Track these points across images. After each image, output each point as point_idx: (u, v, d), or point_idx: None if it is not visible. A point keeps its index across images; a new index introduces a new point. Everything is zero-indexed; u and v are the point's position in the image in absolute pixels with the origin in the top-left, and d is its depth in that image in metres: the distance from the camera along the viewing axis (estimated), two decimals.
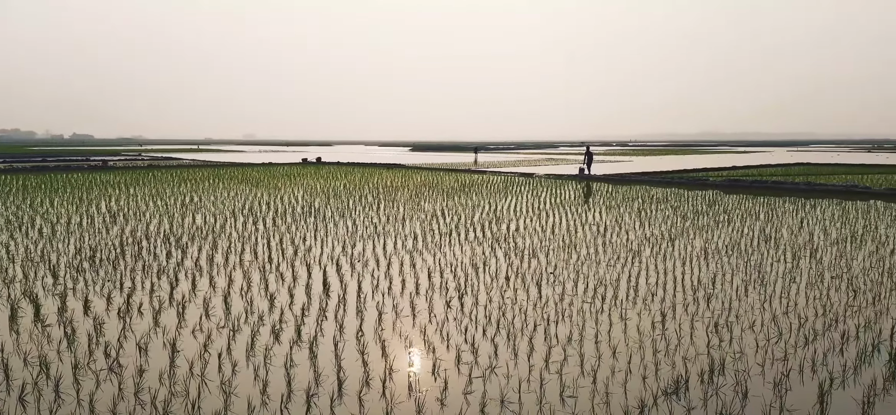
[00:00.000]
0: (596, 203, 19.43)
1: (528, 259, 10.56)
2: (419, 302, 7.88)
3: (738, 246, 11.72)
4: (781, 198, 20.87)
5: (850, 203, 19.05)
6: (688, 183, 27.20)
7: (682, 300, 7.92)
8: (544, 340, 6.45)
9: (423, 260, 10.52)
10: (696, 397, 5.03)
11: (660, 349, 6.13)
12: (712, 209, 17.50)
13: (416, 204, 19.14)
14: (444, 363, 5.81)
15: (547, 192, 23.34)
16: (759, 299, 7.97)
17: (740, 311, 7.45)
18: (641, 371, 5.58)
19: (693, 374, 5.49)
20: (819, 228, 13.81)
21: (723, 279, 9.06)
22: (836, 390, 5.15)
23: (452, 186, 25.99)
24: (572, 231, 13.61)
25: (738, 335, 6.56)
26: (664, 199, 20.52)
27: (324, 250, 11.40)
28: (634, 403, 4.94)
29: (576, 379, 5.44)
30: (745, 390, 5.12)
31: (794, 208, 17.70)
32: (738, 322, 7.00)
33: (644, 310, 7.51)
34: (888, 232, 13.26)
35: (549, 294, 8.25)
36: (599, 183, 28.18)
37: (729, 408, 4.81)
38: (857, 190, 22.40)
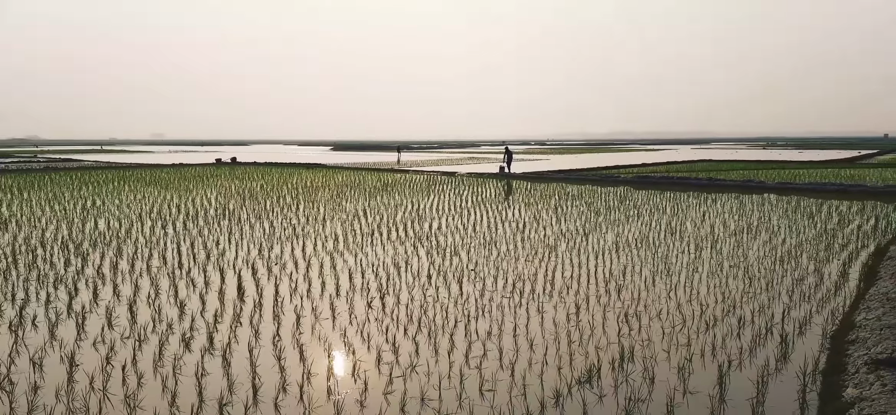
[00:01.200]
0: (516, 201, 19.87)
1: (449, 257, 10.64)
2: (339, 304, 7.76)
3: (647, 239, 12.33)
4: (686, 193, 22.15)
5: (746, 197, 20.49)
6: (601, 180, 28.34)
7: (594, 292, 8.24)
8: (465, 336, 6.52)
9: (343, 261, 10.38)
10: (607, 385, 5.24)
11: (574, 340, 6.35)
12: (623, 205, 18.33)
13: (338, 204, 18.86)
14: (365, 364, 5.75)
15: (468, 190, 23.63)
16: (666, 289, 8.42)
17: (648, 300, 7.84)
18: (557, 362, 5.75)
19: (605, 362, 5.73)
20: (719, 221, 14.77)
21: (632, 271, 9.50)
22: (733, 372, 5.52)
23: (375, 186, 25.80)
24: (493, 228, 13.85)
25: (646, 324, 6.90)
26: (579, 195, 21.28)
27: (238, 254, 11.00)
28: (550, 393, 5.08)
29: (495, 373, 5.54)
30: (652, 375, 5.40)
31: (698, 203, 18.84)
32: (647, 311, 7.37)
33: (560, 303, 7.75)
34: (780, 223, 14.36)
35: (470, 291, 8.36)
36: (519, 181, 28.84)
37: (637, 394, 5.05)
38: (753, 185, 24.15)
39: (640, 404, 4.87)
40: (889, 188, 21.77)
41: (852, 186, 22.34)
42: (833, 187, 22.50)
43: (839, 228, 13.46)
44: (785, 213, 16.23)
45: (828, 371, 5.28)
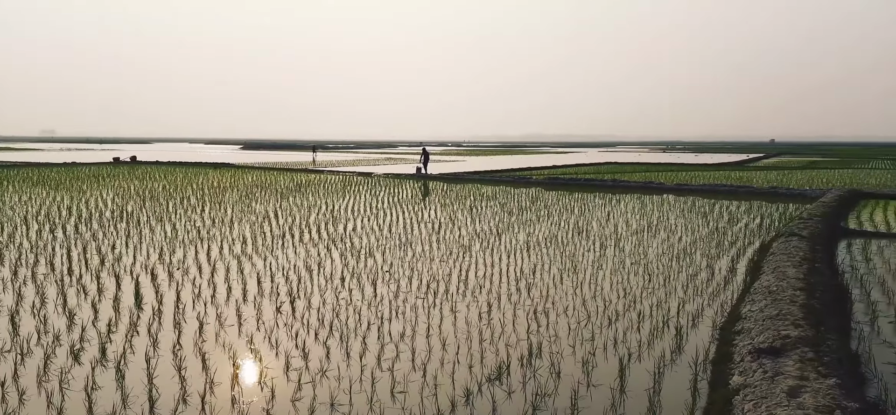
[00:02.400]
0: (432, 201, 19.98)
1: (364, 259, 10.53)
2: (246, 309, 7.48)
3: (556, 238, 12.76)
4: (593, 193, 23.14)
5: (647, 197, 21.68)
6: (514, 181, 29.06)
7: (506, 291, 8.42)
8: (378, 338, 6.47)
9: (252, 265, 10.01)
10: (516, 381, 5.37)
11: (485, 338, 6.46)
12: (535, 205, 18.87)
13: (247, 205, 18.19)
14: (272, 371, 5.57)
15: (385, 191, 23.51)
16: (572, 286, 8.74)
17: (556, 298, 8.11)
18: (468, 361, 5.82)
19: (514, 359, 5.86)
20: (622, 220, 15.53)
21: (542, 269, 9.79)
22: (633, 364, 5.81)
23: (287, 186, 25.11)
24: (408, 229, 13.84)
25: (553, 320, 7.13)
26: (493, 196, 21.70)
27: (137, 259, 10.36)
28: (461, 392, 5.14)
29: (407, 375, 5.53)
30: (558, 370, 5.58)
31: (603, 203, 19.72)
32: (555, 308, 7.62)
33: (472, 302, 7.86)
34: (677, 222, 15.29)
35: (385, 292, 8.30)
36: (436, 182, 29.03)
37: (544, 388, 5.21)
38: (653, 186, 25.58)
39: (547, 399, 5.02)
40: (773, 189, 23.72)
41: (741, 188, 24.16)
42: (724, 188, 24.24)
43: (729, 227, 14.51)
44: (682, 212, 17.30)
45: (717, 360, 5.66)
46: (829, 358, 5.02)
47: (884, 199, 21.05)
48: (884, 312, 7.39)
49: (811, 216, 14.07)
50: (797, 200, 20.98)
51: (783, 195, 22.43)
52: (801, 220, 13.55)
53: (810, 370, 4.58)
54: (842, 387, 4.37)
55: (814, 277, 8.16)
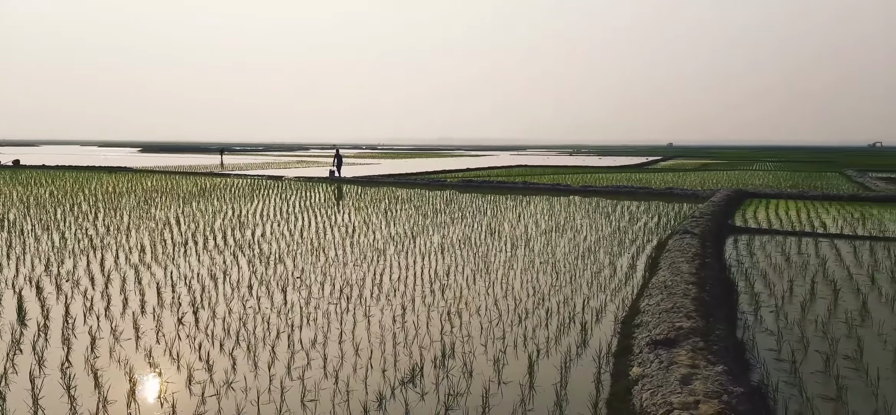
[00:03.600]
0: (346, 205, 19.71)
1: (273, 265, 10.22)
2: (145, 322, 7.05)
3: (470, 240, 12.96)
4: (505, 195, 23.70)
5: (555, 199, 22.48)
6: (429, 184, 29.24)
7: (420, 293, 8.45)
8: (288, 347, 6.30)
9: (151, 274, 9.46)
10: (429, 383, 5.40)
11: (399, 341, 6.45)
12: (449, 207, 19.08)
13: (145, 212, 17.16)
14: (173, 386, 5.29)
15: (296, 195, 22.93)
16: (485, 286, 8.91)
17: (469, 298, 8.23)
18: (382, 365, 5.79)
19: (427, 361, 5.89)
20: (532, 221, 16.01)
21: (456, 271, 9.91)
22: (542, 360, 6.00)
23: (190, 191, 23.93)
24: (321, 234, 13.58)
25: (466, 320, 7.23)
26: (408, 199, 21.72)
27: (19, 271, 9.51)
28: (374, 397, 5.10)
29: (318, 382, 5.42)
30: (471, 369, 5.67)
31: (514, 204, 20.25)
32: (467, 308, 7.73)
33: (387, 305, 7.83)
34: (582, 222, 15.95)
35: (295, 299, 8.10)
36: (349, 185, 28.66)
37: (457, 388, 5.27)
38: (561, 188, 26.56)
39: (459, 398, 5.08)
40: (669, 190, 25.28)
41: (640, 189, 25.57)
42: (626, 190, 25.57)
43: (630, 226, 15.32)
44: (587, 213, 18.08)
45: (618, 353, 5.96)
46: (717, 347, 5.42)
47: (765, 198, 22.98)
48: (766, 302, 8.06)
49: (702, 215, 15.13)
50: (690, 199, 22.47)
51: (678, 195, 23.95)
52: (693, 218, 14.53)
53: (701, 359, 4.92)
54: (728, 373, 4.72)
55: (704, 271, 8.77)
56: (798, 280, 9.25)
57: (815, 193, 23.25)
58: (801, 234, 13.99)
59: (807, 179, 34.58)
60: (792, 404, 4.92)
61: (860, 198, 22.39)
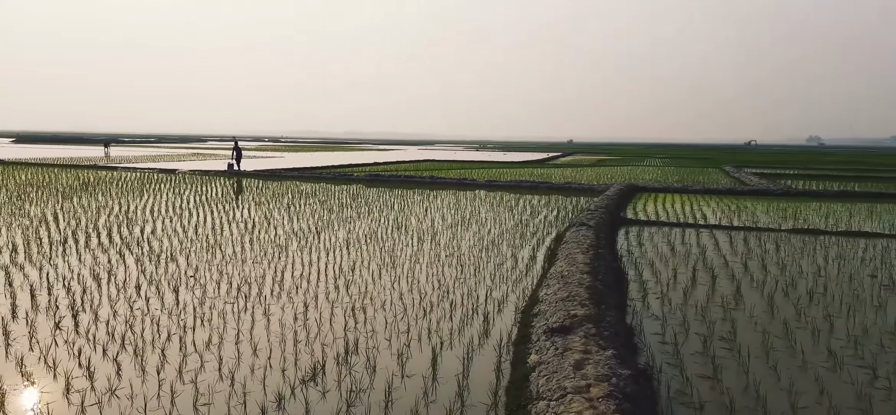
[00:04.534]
0: (245, 200, 18.96)
1: (165, 264, 9.64)
2: (16, 327, 6.43)
3: (376, 234, 12.88)
4: (412, 190, 23.76)
5: (461, 193, 22.82)
6: (335, 178, 28.74)
7: (324, 289, 8.29)
8: (180, 349, 5.97)
9: (24, 275, 8.64)
10: (331, 380, 5.31)
11: (300, 339, 6.30)
12: (356, 202, 18.85)
13: (18, 208, 15.65)
14: (49, 395, 4.86)
15: (191, 189, 21.77)
16: (390, 280, 8.89)
17: (374, 293, 8.18)
18: (281, 364, 5.63)
19: (330, 358, 5.79)
20: (439, 216, 16.16)
21: (361, 266, 9.82)
22: (445, 352, 6.07)
23: (71, 185, 22.08)
24: (218, 230, 12.98)
25: (371, 316, 7.18)
26: (313, 193, 21.24)
27: None
28: (272, 397, 4.95)
29: (213, 385, 5.18)
30: (374, 365, 5.64)
31: (422, 199, 20.34)
32: (372, 304, 7.68)
33: (288, 303, 7.61)
34: (487, 216, 16.30)
35: (188, 299, 7.69)
36: (250, 179, 27.59)
37: (359, 384, 5.22)
38: (467, 183, 27.01)
39: (362, 394, 5.04)
40: (568, 184, 26.38)
41: (542, 183, 26.51)
42: (528, 184, 26.41)
43: (531, 219, 15.84)
44: (491, 206, 18.50)
45: (518, 342, 6.15)
46: (608, 333, 5.72)
47: (654, 192, 24.55)
48: (653, 290, 8.61)
49: (597, 208, 15.92)
50: (587, 193, 23.58)
51: (576, 189, 25.06)
52: (589, 211, 15.26)
53: (593, 345, 5.18)
54: (617, 357, 5.00)
55: (598, 262, 9.24)
56: (681, 268, 9.96)
57: (697, 187, 25.13)
58: (685, 225, 15.07)
59: (691, 175, 37.30)
60: (674, 384, 5.29)
61: (736, 191, 24.46)
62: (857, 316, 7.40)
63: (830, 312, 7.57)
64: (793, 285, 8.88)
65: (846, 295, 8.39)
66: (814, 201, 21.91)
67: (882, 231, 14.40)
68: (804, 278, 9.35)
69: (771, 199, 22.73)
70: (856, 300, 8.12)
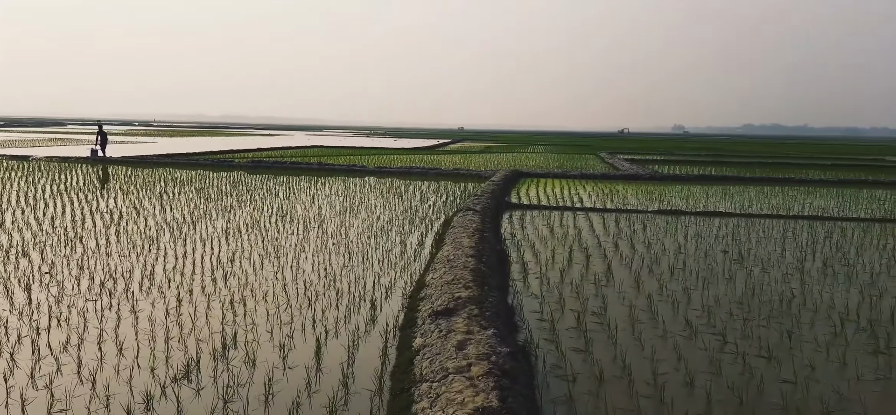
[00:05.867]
0: (112, 189, 17.48)
1: (15, 260, 8.68)
2: None
3: (259, 223, 12.38)
4: (299, 176, 23.08)
5: (351, 180, 22.51)
6: (214, 165, 27.26)
7: (199, 283, 7.85)
8: (32, 353, 5.41)
9: None
10: (206, 376, 5.05)
11: (173, 336, 5.92)
12: (236, 190, 18.00)
13: None
14: None
15: (47, 178, 19.72)
16: (274, 270, 8.60)
17: (256, 284, 7.87)
18: (151, 363, 5.27)
19: (205, 354, 5.50)
20: (327, 203, 15.84)
21: (242, 257, 9.40)
22: (330, 341, 5.97)
23: None
24: (79, 222, 11.86)
25: (252, 308, 6.90)
26: (189, 181, 20.01)
27: None
28: (140, 398, 4.62)
29: (71, 390, 4.74)
30: (253, 358, 5.43)
31: (309, 186, 19.83)
32: (253, 295, 7.39)
33: (159, 298, 7.13)
34: (376, 202, 16.21)
35: (43, 298, 6.97)
36: (117, 166, 25.47)
37: (238, 379, 5.01)
38: (357, 169, 26.70)
39: (241, 389, 4.84)
40: (457, 171, 26.87)
41: (431, 170, 26.79)
42: (418, 170, 26.58)
43: (421, 205, 15.96)
44: (381, 193, 18.42)
45: (404, 326, 6.18)
46: (490, 313, 5.91)
47: (537, 177, 25.64)
48: (533, 270, 9.00)
49: (483, 194, 16.37)
50: (475, 179, 24.15)
51: (464, 175, 25.59)
52: (475, 197, 15.65)
53: (475, 325, 5.33)
54: (498, 336, 5.18)
55: (483, 245, 9.50)
56: (559, 249, 10.49)
57: (575, 173, 26.58)
58: (563, 208, 15.89)
59: (570, 161, 39.35)
60: (549, 358, 5.58)
61: (610, 176, 26.14)
62: (711, 288, 8.20)
63: (688, 285, 8.32)
64: (657, 262, 9.66)
65: (702, 269, 9.26)
66: (676, 184, 23.94)
67: (734, 211, 16.01)
68: (666, 255, 10.20)
69: (640, 183, 24.52)
70: (710, 274, 8.99)
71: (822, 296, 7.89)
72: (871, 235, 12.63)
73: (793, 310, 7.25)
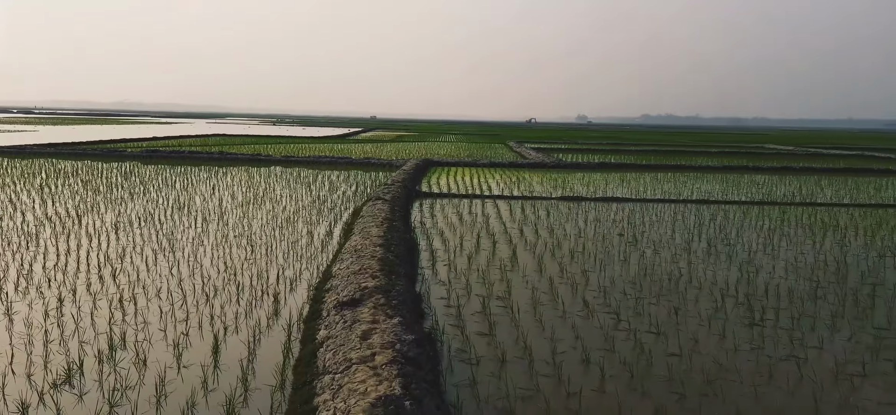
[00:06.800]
0: None
1: None
2: None
3: (153, 216, 11.68)
4: (198, 167, 21.97)
5: (255, 169, 21.71)
6: (103, 155, 25.41)
7: (85, 281, 7.30)
8: None
9: None
10: (90, 380, 4.71)
11: (53, 339, 5.48)
12: (128, 181, 16.88)
13: None
14: None
15: None
16: (168, 266, 8.14)
17: (148, 281, 7.43)
18: (27, 369, 4.85)
19: (90, 356, 5.13)
20: (228, 194, 15.19)
21: (133, 252, 8.83)
22: (230, 337, 5.74)
23: None
24: None
25: (143, 306, 6.51)
26: (74, 172, 18.53)
27: None
28: (14, 406, 4.24)
29: None
30: (144, 358, 5.12)
31: (208, 176, 18.93)
32: (146, 292, 6.96)
33: (37, 298, 6.56)
34: (282, 193, 15.73)
35: None
36: None
37: (126, 381, 4.71)
38: (262, 158, 25.78)
39: (129, 392, 4.55)
40: (367, 160, 26.59)
41: (341, 159, 26.35)
42: (327, 160, 26.06)
43: (329, 195, 15.67)
44: (288, 183, 17.90)
45: (309, 318, 6.06)
46: (396, 301, 5.91)
47: (448, 166, 25.88)
48: (441, 258, 9.09)
49: (394, 182, 16.31)
50: (386, 168, 24.02)
51: (375, 165, 25.38)
52: (385, 186, 15.57)
53: (381, 314, 5.30)
54: (403, 324, 5.19)
55: (392, 234, 9.48)
56: (467, 236, 10.66)
57: (484, 162, 27.07)
58: (473, 196, 16.16)
59: (480, 150, 40.02)
60: (454, 343, 5.66)
61: (517, 164, 26.84)
62: (607, 270, 8.63)
63: (587, 267, 8.71)
64: (558, 246, 10.04)
65: (599, 252, 9.73)
66: (579, 172, 24.97)
67: (630, 196, 16.93)
68: (568, 240, 10.63)
69: (545, 171, 25.37)
70: (607, 256, 9.45)
71: (706, 274, 8.52)
72: (750, 217, 13.77)
73: (680, 288, 7.78)
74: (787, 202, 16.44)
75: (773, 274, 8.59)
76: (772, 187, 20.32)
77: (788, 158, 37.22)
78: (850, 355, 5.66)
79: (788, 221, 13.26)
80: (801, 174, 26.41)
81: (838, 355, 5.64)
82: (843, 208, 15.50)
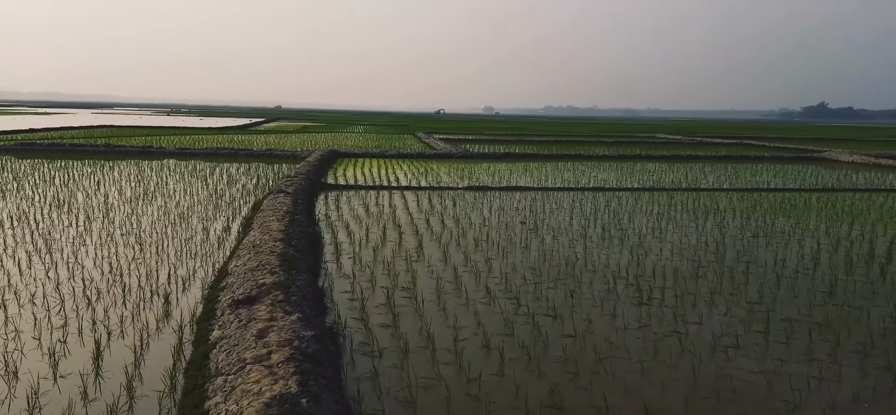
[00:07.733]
0: None
1: None
2: None
3: (27, 215, 10.69)
4: (82, 161, 20.35)
5: (146, 163, 20.40)
6: None
7: None
8: None
9: None
10: None
11: None
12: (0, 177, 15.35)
13: None
14: None
15: None
16: (44, 269, 7.49)
17: (21, 286, 6.80)
18: None
19: None
20: (115, 189, 14.18)
21: (4, 254, 8.05)
22: (114, 342, 5.37)
23: None
24: None
25: (14, 313, 5.96)
26: None
27: None
28: None
29: None
30: (15, 369, 4.70)
31: (93, 171, 17.57)
32: (17, 299, 6.37)
33: None
34: (176, 187, 14.89)
35: None
36: None
37: None
38: (154, 151, 24.26)
39: None
40: (270, 151, 25.72)
41: (241, 151, 25.31)
42: (225, 152, 24.95)
43: (227, 188, 15.01)
44: (182, 177, 16.97)
45: (202, 318, 5.78)
46: (296, 298, 5.76)
47: (355, 157, 25.54)
48: (346, 251, 8.96)
49: (297, 174, 15.88)
50: (290, 160, 23.33)
51: (278, 156, 24.60)
52: (288, 178, 15.13)
53: (279, 311, 5.16)
54: (303, 320, 5.08)
55: (294, 228, 9.23)
56: (373, 228, 10.58)
57: (392, 153, 26.97)
58: (380, 187, 16.05)
59: (388, 141, 39.81)
60: (357, 336, 5.61)
61: (425, 155, 26.96)
62: (509, 257, 8.87)
63: (490, 255, 8.91)
64: (463, 236, 10.20)
65: (502, 240, 9.97)
66: (485, 162, 25.46)
67: (533, 185, 17.47)
68: (473, 229, 10.81)
69: (452, 161, 25.66)
70: (509, 244, 9.71)
71: (600, 258, 8.96)
72: (641, 203, 14.62)
73: (576, 272, 8.14)
74: (674, 188, 17.60)
75: (661, 256, 9.17)
76: (661, 174, 21.67)
77: (677, 147, 39.84)
78: (726, 329, 6.15)
79: (675, 206, 14.20)
80: (687, 162, 28.37)
81: (715, 330, 6.12)
82: (723, 193, 16.81)
